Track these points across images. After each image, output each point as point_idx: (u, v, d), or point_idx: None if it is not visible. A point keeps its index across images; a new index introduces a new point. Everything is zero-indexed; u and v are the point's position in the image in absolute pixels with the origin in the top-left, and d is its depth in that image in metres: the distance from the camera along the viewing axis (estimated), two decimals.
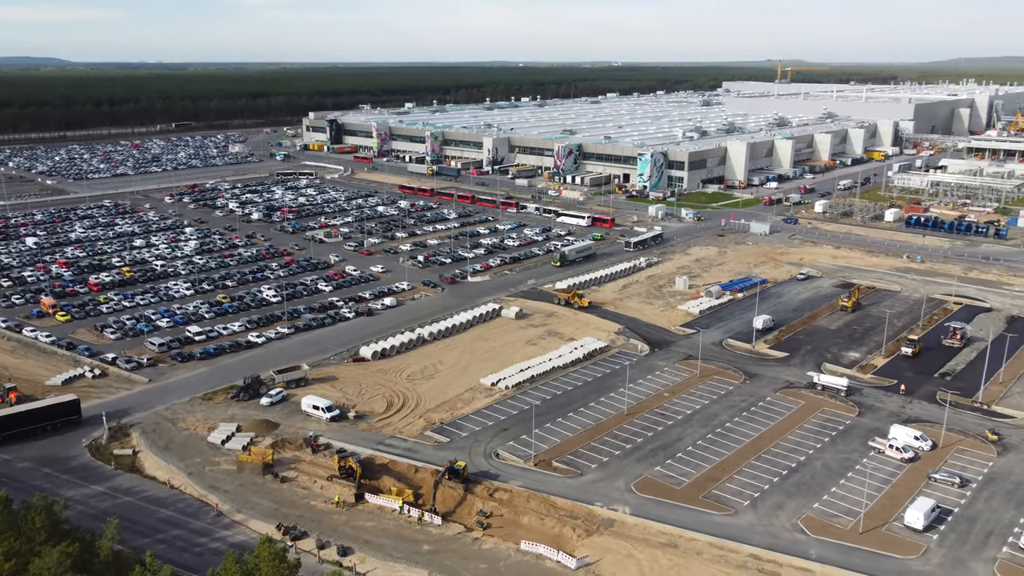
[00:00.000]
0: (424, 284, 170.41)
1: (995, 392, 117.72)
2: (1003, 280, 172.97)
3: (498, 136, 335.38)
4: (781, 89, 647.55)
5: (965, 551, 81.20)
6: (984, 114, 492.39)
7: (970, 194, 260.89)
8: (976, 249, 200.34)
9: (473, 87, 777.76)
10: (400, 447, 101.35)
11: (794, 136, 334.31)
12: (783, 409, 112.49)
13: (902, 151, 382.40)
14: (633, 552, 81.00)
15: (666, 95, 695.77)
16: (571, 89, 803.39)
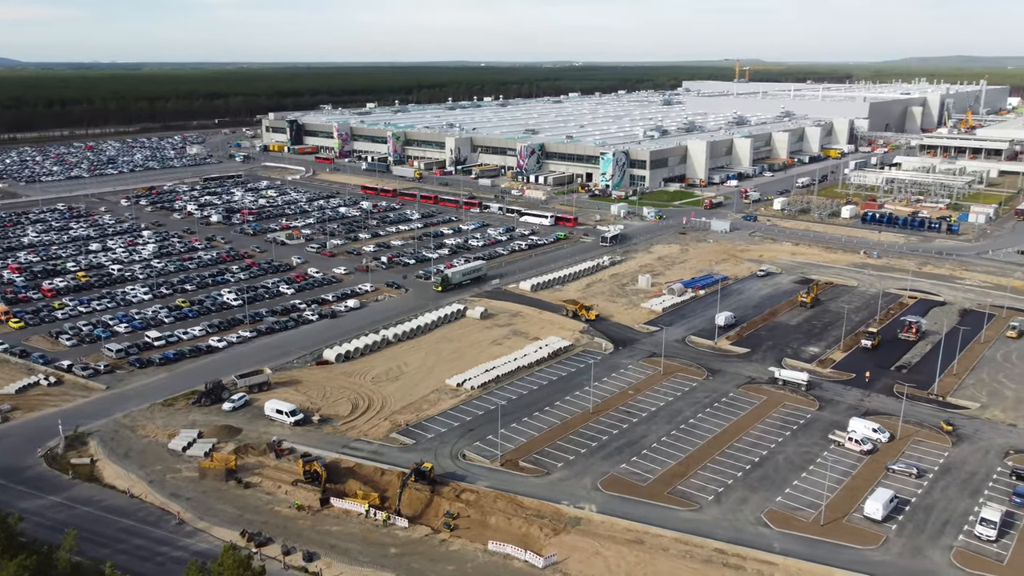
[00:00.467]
0: (388, 285, 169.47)
1: (949, 384, 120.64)
2: (956, 274, 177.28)
3: (461, 136, 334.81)
4: (740, 88, 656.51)
5: (922, 540, 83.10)
6: (936, 112, 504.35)
7: (923, 191, 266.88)
8: (930, 244, 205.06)
9: (435, 87, 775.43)
10: (366, 450, 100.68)
11: (753, 135, 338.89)
12: (745, 404, 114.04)
13: (858, 149, 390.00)
14: (600, 550, 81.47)
15: (627, 95, 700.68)
16: (533, 89, 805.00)
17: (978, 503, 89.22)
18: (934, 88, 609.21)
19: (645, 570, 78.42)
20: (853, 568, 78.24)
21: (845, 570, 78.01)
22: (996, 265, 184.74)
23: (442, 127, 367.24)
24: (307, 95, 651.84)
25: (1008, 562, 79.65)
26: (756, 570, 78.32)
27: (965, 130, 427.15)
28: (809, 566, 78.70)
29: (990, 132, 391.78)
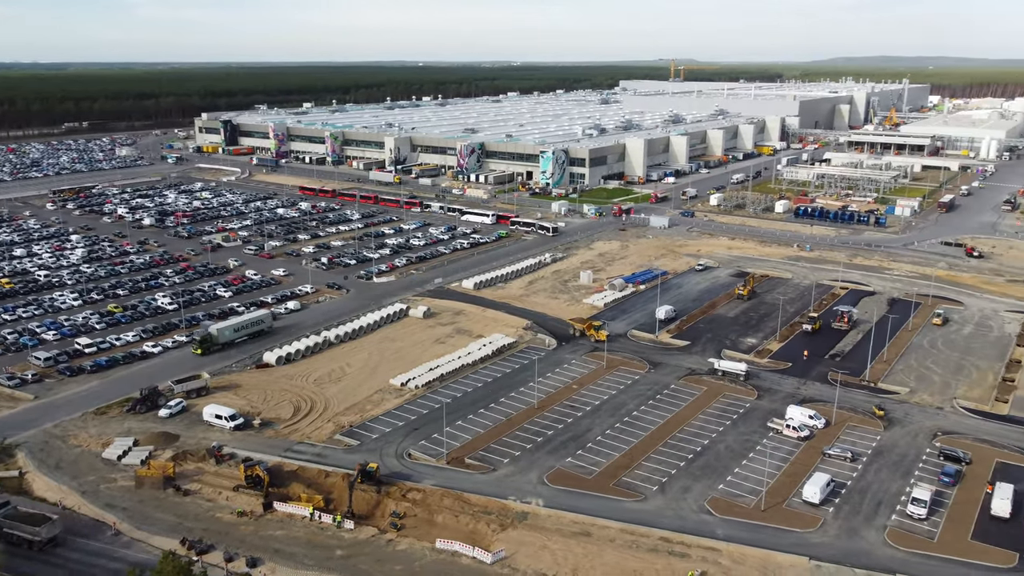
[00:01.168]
0: (328, 286, 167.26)
1: (880, 370, 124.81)
2: (884, 265, 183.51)
3: (400, 136, 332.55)
4: (675, 87, 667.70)
5: (858, 521, 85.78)
6: (862, 110, 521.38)
7: (852, 185, 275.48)
8: (859, 237, 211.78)
9: (373, 87, 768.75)
10: (309, 453, 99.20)
11: (688, 132, 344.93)
12: (687, 395, 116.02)
13: (789, 146, 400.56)
14: (547, 543, 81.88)
15: (565, 94, 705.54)
16: (472, 88, 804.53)
17: (909, 484, 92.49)
18: (860, 87, 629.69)
19: (592, 562, 79.11)
20: (793, 551, 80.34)
21: (785, 553, 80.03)
22: (921, 255, 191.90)
23: (381, 127, 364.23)
24: (241, 95, 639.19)
25: (938, 539, 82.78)
26: (700, 557, 79.74)
27: (890, 127, 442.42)
28: (751, 551, 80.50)
29: (913, 129, 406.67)
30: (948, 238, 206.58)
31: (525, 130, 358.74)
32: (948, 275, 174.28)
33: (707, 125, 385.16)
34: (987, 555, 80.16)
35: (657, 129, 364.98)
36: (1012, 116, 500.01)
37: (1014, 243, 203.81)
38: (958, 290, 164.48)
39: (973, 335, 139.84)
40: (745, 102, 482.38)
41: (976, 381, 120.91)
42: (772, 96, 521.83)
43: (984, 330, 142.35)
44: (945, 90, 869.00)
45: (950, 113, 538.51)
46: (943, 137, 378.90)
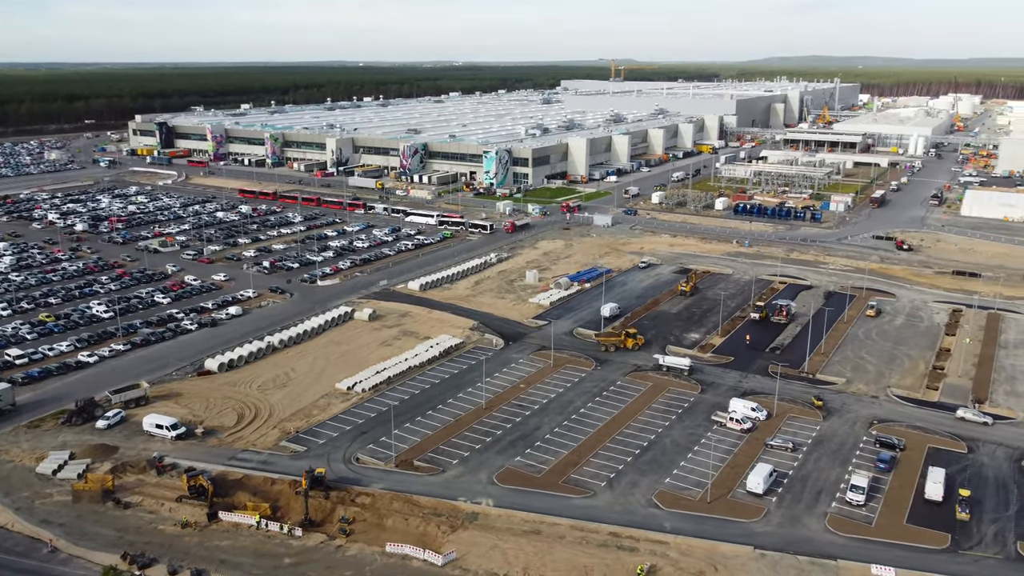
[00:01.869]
0: (271, 291, 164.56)
1: (818, 362, 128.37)
2: (820, 260, 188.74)
3: (342, 137, 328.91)
4: (616, 87, 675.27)
5: (800, 509, 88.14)
6: (796, 108, 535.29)
7: (788, 182, 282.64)
8: (796, 232, 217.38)
9: (313, 87, 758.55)
10: (254, 460, 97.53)
11: (630, 132, 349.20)
12: (633, 392, 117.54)
13: (727, 144, 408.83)
14: (498, 543, 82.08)
15: (507, 94, 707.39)
16: (414, 89, 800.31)
17: (847, 471, 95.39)
18: (794, 86, 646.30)
19: (543, 559, 79.59)
20: (738, 541, 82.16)
21: (731, 543, 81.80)
22: (855, 249, 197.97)
23: (322, 128, 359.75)
24: (175, 96, 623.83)
25: (876, 523, 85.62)
26: (649, 550, 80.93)
27: (823, 125, 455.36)
28: (698, 542, 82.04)
29: (845, 126, 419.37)
30: (880, 232, 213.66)
31: (468, 130, 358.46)
32: (880, 268, 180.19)
33: (648, 124, 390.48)
34: (922, 537, 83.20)
35: (599, 128, 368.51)
36: (937, 114, 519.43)
37: (941, 236, 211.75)
38: (890, 282, 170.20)
39: (905, 325, 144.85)
40: (684, 101, 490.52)
41: (908, 370, 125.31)
42: (710, 95, 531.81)
43: (915, 320, 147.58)
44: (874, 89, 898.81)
45: (879, 111, 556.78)
46: (873, 135, 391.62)
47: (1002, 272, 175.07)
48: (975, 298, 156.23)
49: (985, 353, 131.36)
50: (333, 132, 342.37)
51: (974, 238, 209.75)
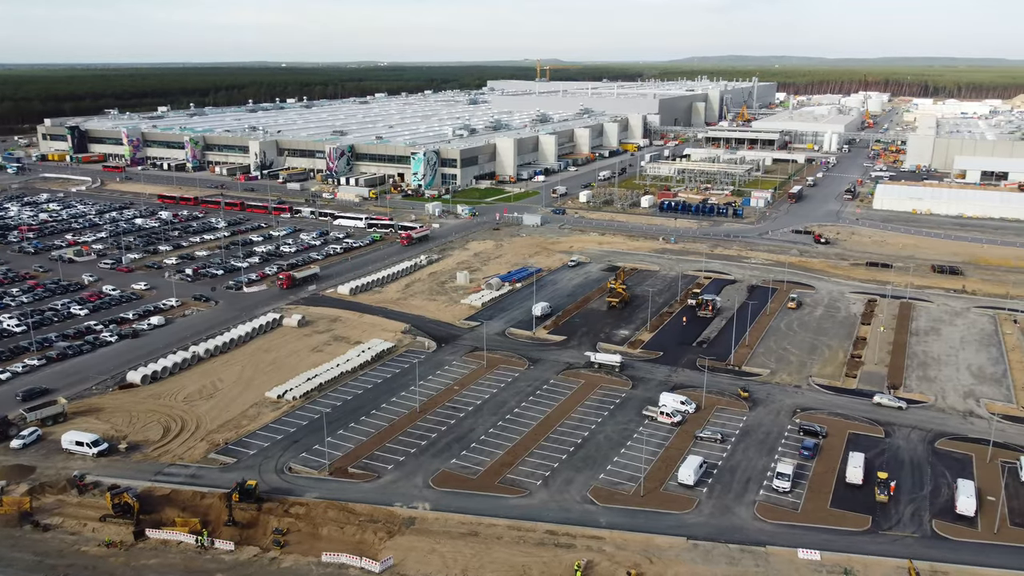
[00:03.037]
0: (195, 299, 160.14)
1: (743, 354, 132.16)
2: (743, 254, 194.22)
3: (265, 139, 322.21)
4: (542, 87, 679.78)
5: (730, 499, 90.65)
6: (716, 107, 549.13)
7: (710, 179, 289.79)
8: (719, 228, 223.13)
9: (233, 88, 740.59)
10: (182, 475, 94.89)
11: (556, 131, 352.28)
12: (565, 390, 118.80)
13: (652, 143, 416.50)
14: (436, 547, 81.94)
15: (434, 94, 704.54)
16: (338, 90, 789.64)
17: (774, 460, 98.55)
18: (714, 85, 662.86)
19: (481, 560, 79.82)
20: (671, 533, 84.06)
21: (664, 535, 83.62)
22: (775, 244, 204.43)
23: (244, 130, 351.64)
24: (88, 99, 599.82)
25: (801, 509, 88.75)
26: (585, 546, 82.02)
27: (742, 123, 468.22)
28: (632, 535, 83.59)
29: (763, 124, 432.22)
30: (798, 227, 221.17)
31: (395, 131, 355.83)
32: (800, 261, 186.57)
33: (574, 124, 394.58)
34: (845, 520, 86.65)
35: (526, 129, 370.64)
36: (849, 111, 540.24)
37: (855, 229, 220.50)
38: (809, 275, 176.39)
39: (824, 316, 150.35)
40: (609, 101, 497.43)
41: (828, 359, 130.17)
42: (634, 95, 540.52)
43: (833, 311, 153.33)
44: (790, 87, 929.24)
45: (795, 109, 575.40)
46: (790, 132, 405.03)
47: (912, 262, 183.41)
48: (888, 288, 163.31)
49: (898, 341, 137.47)
50: (256, 135, 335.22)
51: (886, 230, 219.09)
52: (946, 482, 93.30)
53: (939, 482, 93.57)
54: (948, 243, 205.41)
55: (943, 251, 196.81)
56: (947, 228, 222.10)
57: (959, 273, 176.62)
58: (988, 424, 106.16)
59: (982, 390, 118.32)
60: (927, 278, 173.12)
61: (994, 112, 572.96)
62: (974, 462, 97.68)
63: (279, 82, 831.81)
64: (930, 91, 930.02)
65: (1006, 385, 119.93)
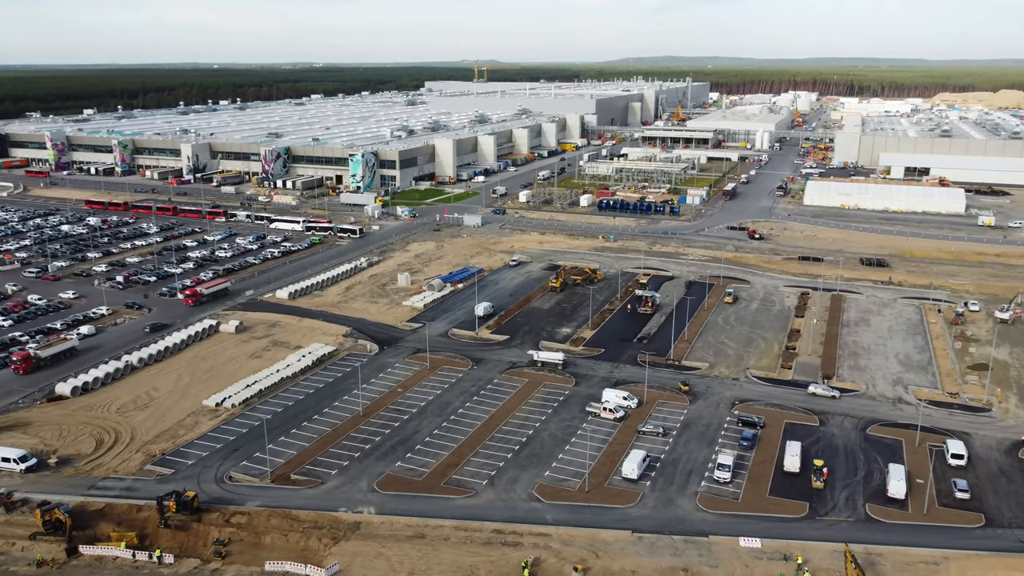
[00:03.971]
0: (127, 307, 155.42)
1: (683, 349, 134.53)
2: (680, 251, 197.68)
3: (198, 142, 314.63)
4: (480, 88, 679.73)
5: (673, 491, 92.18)
6: (652, 107, 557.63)
7: (647, 178, 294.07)
8: (657, 226, 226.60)
9: (163, 90, 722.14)
10: (117, 488, 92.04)
11: (495, 132, 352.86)
12: (509, 389, 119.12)
13: (589, 142, 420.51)
14: (382, 551, 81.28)
15: (371, 95, 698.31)
16: (273, 91, 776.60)
17: (714, 451, 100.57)
18: (649, 85, 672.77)
19: (428, 563, 79.47)
20: (617, 527, 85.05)
21: (610, 529, 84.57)
22: (711, 240, 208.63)
23: (176, 133, 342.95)
24: (8, 101, 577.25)
25: (742, 498, 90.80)
26: (532, 543, 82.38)
27: (677, 122, 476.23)
28: (578, 531, 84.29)
29: (698, 123, 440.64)
30: (733, 223, 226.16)
31: (332, 133, 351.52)
32: (735, 257, 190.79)
33: (512, 124, 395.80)
34: (783, 508, 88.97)
35: (464, 129, 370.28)
36: (780, 110, 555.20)
37: (788, 225, 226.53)
38: (744, 270, 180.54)
39: (759, 310, 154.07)
40: (547, 101, 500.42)
41: (764, 352, 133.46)
42: (571, 95, 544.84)
43: (768, 305, 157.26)
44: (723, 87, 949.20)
45: (728, 109, 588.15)
46: (724, 130, 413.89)
47: (841, 256, 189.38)
48: (820, 281, 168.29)
49: (831, 332, 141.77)
50: (188, 137, 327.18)
51: (816, 225, 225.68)
52: (878, 467, 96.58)
53: (871, 467, 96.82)
54: (875, 237, 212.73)
55: (870, 244, 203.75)
56: (874, 222, 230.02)
57: (886, 265, 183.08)
58: (916, 410, 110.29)
59: (909, 378, 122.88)
60: (856, 271, 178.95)
61: (915, 110, 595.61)
62: (904, 447, 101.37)
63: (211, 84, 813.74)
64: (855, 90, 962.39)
65: (932, 372, 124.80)
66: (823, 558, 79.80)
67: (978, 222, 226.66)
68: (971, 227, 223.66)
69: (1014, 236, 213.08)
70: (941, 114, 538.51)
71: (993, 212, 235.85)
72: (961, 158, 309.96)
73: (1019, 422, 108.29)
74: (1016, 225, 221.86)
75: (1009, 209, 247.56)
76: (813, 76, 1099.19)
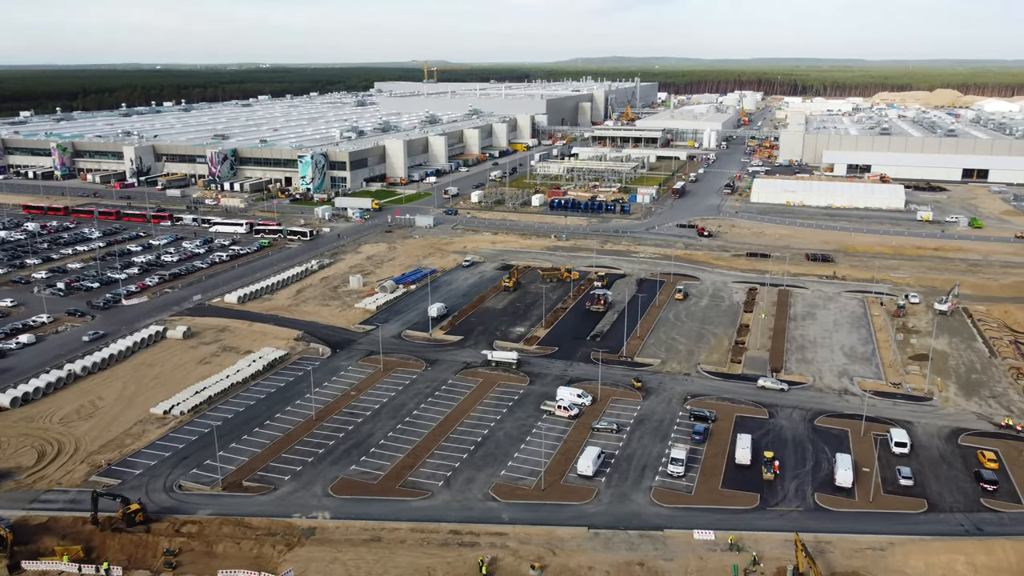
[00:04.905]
0: (69, 314, 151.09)
1: (635, 346, 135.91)
2: (631, 249, 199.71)
3: (141, 145, 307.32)
4: (430, 88, 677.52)
5: (627, 487, 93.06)
6: (602, 107, 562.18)
7: (598, 177, 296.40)
8: (608, 224, 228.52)
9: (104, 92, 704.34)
10: (61, 500, 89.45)
11: (446, 132, 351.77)
12: (464, 389, 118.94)
13: (540, 142, 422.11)
14: (338, 555, 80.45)
15: (320, 96, 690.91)
16: (219, 92, 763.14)
17: (667, 446, 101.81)
18: (599, 85, 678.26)
19: (385, 566, 78.92)
20: (573, 524, 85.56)
21: (566, 526, 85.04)
22: (662, 238, 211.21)
23: (118, 135, 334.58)
24: None
25: (695, 492, 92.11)
26: (489, 543, 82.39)
27: (627, 122, 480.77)
28: (535, 529, 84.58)
29: (647, 123, 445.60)
30: (682, 221, 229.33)
31: (280, 134, 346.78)
32: (685, 254, 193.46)
33: (463, 125, 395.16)
34: (735, 500, 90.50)
35: (415, 130, 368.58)
36: (726, 110, 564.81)
37: (735, 222, 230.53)
38: (694, 267, 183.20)
39: (709, 306, 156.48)
40: (497, 102, 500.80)
41: (715, 347, 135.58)
42: (522, 95, 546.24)
43: (718, 301, 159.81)
44: (671, 87, 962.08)
45: (676, 108, 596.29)
46: (672, 130, 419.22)
47: (787, 252, 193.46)
48: (767, 277, 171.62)
49: (778, 326, 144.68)
50: (131, 140, 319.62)
51: (763, 222, 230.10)
52: (826, 457, 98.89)
53: (819, 457, 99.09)
54: (820, 232, 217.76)
55: (815, 240, 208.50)
56: (818, 218, 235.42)
57: (830, 260, 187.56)
58: (861, 401, 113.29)
59: (854, 369, 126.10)
60: (802, 266, 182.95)
61: (856, 109, 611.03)
62: (850, 437, 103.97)
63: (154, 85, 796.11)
64: (799, 90, 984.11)
65: (875, 363, 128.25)
66: (774, 548, 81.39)
67: (917, 217, 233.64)
68: (910, 222, 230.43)
69: (951, 230, 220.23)
70: (881, 113, 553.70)
71: (931, 207, 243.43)
72: (900, 155, 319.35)
73: (958, 410, 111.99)
74: (952, 220, 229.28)
75: (946, 204, 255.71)
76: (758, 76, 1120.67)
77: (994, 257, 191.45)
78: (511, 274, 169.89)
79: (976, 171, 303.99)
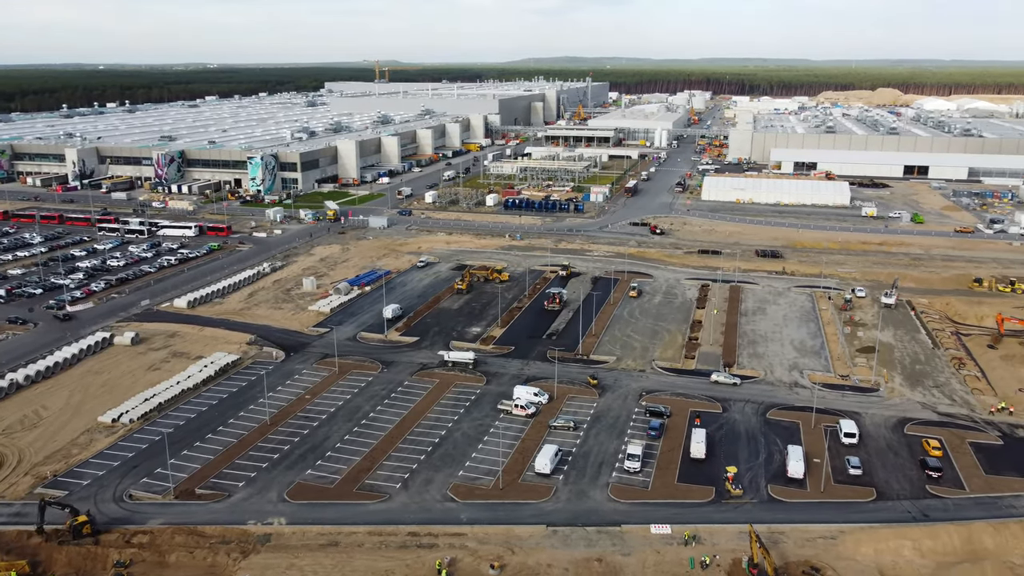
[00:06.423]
0: (10, 322, 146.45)
1: (591, 344, 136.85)
2: (585, 248, 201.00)
3: (84, 147, 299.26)
4: (381, 89, 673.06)
5: (585, 484, 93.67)
6: (554, 106, 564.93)
7: (551, 176, 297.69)
8: (562, 224, 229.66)
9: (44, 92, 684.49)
10: (4, 514, 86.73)
11: (399, 133, 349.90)
12: (420, 390, 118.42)
13: (493, 142, 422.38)
14: (295, 561, 79.47)
15: (269, 97, 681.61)
16: (164, 93, 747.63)
17: (624, 442, 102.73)
18: (551, 85, 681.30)
19: (343, 570, 78.18)
20: (531, 522, 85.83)
21: (525, 525, 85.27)
22: (615, 236, 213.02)
23: (59, 137, 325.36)
24: None
25: (651, 487, 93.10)
26: (448, 544, 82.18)
27: (579, 121, 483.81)
28: (493, 528, 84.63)
29: (599, 122, 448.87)
30: (635, 219, 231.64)
31: (229, 136, 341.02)
32: (638, 252, 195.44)
33: (416, 125, 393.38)
34: (691, 493, 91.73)
35: (367, 130, 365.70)
36: (676, 109, 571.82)
37: (687, 219, 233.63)
38: (647, 264, 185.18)
39: (663, 303, 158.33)
40: (449, 102, 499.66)
41: (669, 343, 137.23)
42: (474, 96, 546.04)
43: (671, 297, 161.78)
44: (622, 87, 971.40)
45: (627, 108, 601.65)
46: (624, 129, 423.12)
47: (738, 248, 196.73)
48: (718, 273, 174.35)
49: (730, 321, 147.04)
50: (73, 142, 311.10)
51: (714, 219, 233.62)
52: (778, 449, 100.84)
53: (772, 449, 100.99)
54: (769, 229, 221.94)
55: (765, 236, 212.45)
56: (767, 215, 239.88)
57: (779, 256, 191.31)
58: (811, 393, 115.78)
59: (804, 362, 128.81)
60: (752, 262, 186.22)
61: (802, 108, 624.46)
62: (801, 428, 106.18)
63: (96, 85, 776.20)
64: (747, 89, 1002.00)
65: (824, 356, 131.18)
66: (729, 539, 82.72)
67: (862, 213, 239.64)
68: (856, 218, 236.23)
69: (894, 225, 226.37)
70: (826, 111, 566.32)
71: (875, 203, 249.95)
72: (845, 153, 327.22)
73: (903, 400, 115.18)
74: (895, 215, 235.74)
75: (889, 200, 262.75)
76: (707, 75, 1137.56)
77: (936, 251, 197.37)
78: (463, 276, 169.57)
79: (917, 168, 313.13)
